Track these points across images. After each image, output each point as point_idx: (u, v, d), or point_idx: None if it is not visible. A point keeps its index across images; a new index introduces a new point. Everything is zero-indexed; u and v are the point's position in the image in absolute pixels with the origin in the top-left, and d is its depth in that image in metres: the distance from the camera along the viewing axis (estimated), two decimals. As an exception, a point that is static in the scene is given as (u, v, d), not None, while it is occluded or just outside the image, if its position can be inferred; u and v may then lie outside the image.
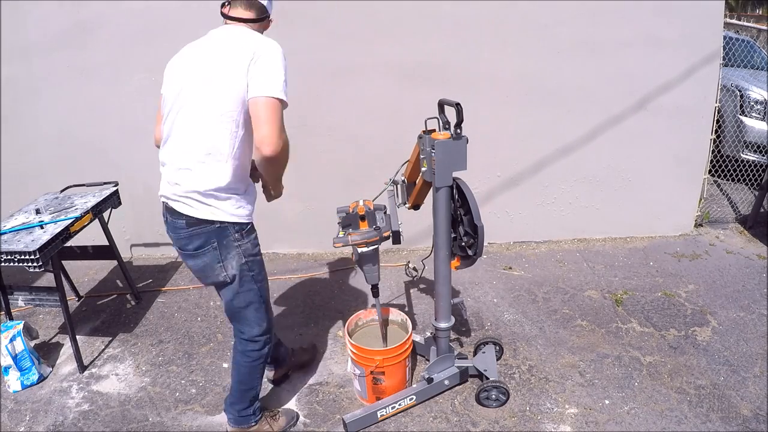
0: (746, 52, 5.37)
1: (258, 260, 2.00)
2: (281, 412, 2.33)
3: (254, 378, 2.16)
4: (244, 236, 1.92)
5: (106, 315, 3.23)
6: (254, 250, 1.97)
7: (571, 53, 3.58)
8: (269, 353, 2.19)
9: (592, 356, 2.75)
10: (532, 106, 3.68)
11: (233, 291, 1.98)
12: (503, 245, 4.02)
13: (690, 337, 2.89)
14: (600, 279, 3.51)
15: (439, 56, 3.52)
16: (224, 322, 3.12)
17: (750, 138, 4.99)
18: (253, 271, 1.98)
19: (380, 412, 2.33)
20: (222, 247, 1.89)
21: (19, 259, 2.38)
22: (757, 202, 4.29)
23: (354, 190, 3.00)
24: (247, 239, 1.94)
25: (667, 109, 3.75)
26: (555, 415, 2.37)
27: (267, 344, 2.14)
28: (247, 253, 1.94)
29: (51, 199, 3.00)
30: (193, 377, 2.68)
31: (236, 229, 1.89)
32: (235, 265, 1.92)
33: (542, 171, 3.85)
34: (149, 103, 3.55)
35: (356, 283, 3.50)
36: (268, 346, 2.15)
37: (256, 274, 1.99)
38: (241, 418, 2.19)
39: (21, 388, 2.60)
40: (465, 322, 3.04)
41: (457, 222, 2.27)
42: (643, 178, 3.93)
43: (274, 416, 2.29)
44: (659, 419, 2.34)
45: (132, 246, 3.94)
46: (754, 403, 2.42)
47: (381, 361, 2.30)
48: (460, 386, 2.54)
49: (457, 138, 2.06)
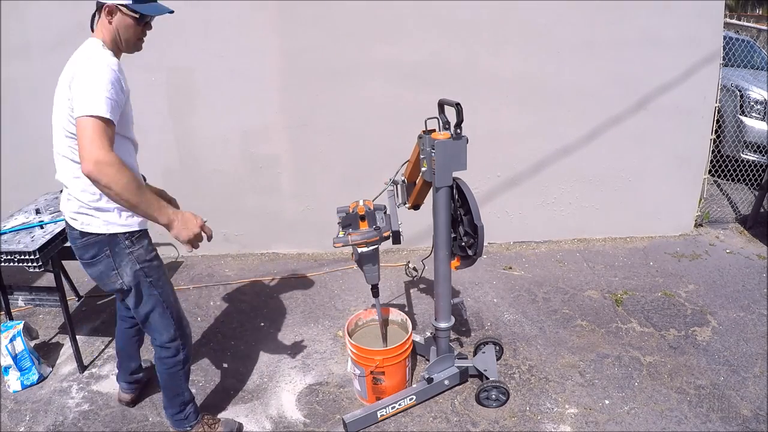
0: (746, 52, 5.37)
1: (154, 266, 1.98)
2: (222, 421, 2.28)
3: (177, 384, 2.14)
4: (135, 243, 1.92)
5: (106, 315, 3.23)
6: (148, 256, 1.96)
7: (571, 53, 3.58)
8: (187, 359, 2.14)
9: (592, 356, 2.75)
10: (532, 106, 3.68)
11: (134, 298, 1.98)
12: (503, 245, 4.02)
13: (690, 337, 2.89)
14: (600, 279, 3.51)
15: (439, 56, 3.52)
16: (224, 322, 3.12)
17: (750, 138, 4.99)
18: (151, 276, 1.97)
19: (380, 412, 2.33)
20: (115, 255, 1.90)
21: (19, 259, 2.38)
22: (757, 202, 4.29)
23: (354, 190, 3.00)
24: (139, 245, 1.93)
25: (667, 109, 3.75)
26: (555, 415, 2.37)
27: (180, 350, 2.10)
28: (140, 259, 1.93)
29: (51, 199, 3.00)
30: (193, 377, 2.67)
31: (126, 237, 1.90)
32: (129, 272, 1.93)
33: (542, 171, 3.85)
34: (149, 103, 3.56)
35: (356, 283, 3.50)
36: (182, 353, 2.11)
37: (154, 280, 1.98)
38: (176, 422, 2.20)
39: (21, 388, 2.60)
40: (465, 322, 3.04)
41: (457, 222, 2.27)
42: (643, 178, 3.93)
43: (213, 423, 2.26)
44: (659, 419, 2.34)
45: (132, 246, 3.94)
46: (754, 403, 2.42)
47: (381, 361, 2.30)
48: (460, 386, 2.54)
49: (457, 138, 2.06)
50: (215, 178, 3.73)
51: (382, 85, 3.54)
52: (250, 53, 3.46)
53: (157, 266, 1.99)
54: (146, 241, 1.97)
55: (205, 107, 3.58)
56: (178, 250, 3.94)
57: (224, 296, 3.40)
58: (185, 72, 3.50)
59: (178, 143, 3.66)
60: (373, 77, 3.55)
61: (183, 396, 2.17)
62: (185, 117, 3.60)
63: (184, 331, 2.12)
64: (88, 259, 1.92)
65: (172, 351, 2.09)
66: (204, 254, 3.92)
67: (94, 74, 1.71)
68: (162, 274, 2.02)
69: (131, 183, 1.68)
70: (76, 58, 1.84)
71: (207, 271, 3.72)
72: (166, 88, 3.54)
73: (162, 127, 3.62)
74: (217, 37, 3.42)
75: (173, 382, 2.14)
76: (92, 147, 1.62)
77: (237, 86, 3.49)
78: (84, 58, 1.79)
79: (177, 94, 3.56)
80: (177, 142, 3.66)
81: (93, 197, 1.83)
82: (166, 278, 2.05)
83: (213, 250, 3.93)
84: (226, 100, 3.51)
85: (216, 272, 3.69)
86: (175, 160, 3.70)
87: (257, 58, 3.48)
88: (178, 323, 2.08)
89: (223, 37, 3.42)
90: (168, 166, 3.72)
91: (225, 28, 3.41)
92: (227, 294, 3.42)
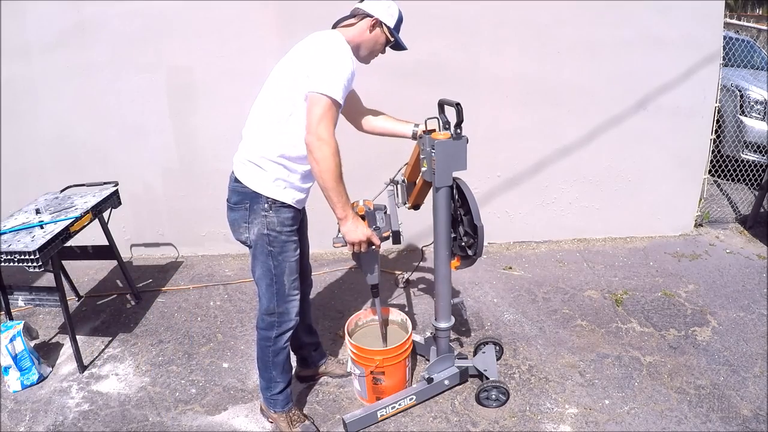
0: (746, 52, 5.37)
1: (282, 240, 2.04)
2: (304, 424, 2.28)
3: (265, 360, 2.19)
4: (272, 210, 2.01)
5: (106, 315, 3.23)
6: (279, 227, 2.02)
7: (571, 53, 3.58)
8: (280, 343, 2.16)
9: (592, 356, 2.75)
10: (532, 106, 3.68)
11: (252, 256, 2.10)
12: (503, 245, 4.02)
13: (690, 337, 2.89)
14: (600, 279, 3.51)
15: (439, 56, 3.52)
16: (224, 322, 3.12)
17: (750, 138, 4.98)
18: (273, 247, 2.04)
19: (380, 412, 2.33)
20: (251, 211, 2.02)
21: (19, 259, 2.38)
22: (757, 202, 4.29)
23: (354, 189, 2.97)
24: (275, 214, 2.01)
25: (667, 109, 3.75)
26: (555, 415, 2.37)
27: (274, 327, 2.13)
28: (270, 226, 2.01)
29: (51, 199, 3.00)
30: (193, 377, 2.68)
31: (266, 200, 1.99)
32: (256, 231, 2.02)
33: (542, 171, 3.85)
34: (149, 103, 3.57)
35: (356, 283, 3.50)
36: (275, 331, 2.14)
37: (275, 252, 2.04)
38: (266, 399, 2.28)
39: (21, 388, 2.60)
40: (465, 322, 3.04)
41: (457, 222, 2.27)
42: (643, 178, 3.93)
43: (294, 421, 2.27)
44: (659, 419, 2.34)
45: (132, 246, 3.94)
46: (754, 403, 2.42)
47: (381, 361, 2.30)
48: (460, 386, 2.54)
49: (457, 138, 2.06)
50: (215, 177, 3.73)
51: (382, 84, 3.53)
52: (250, 53, 3.46)
53: (284, 241, 2.05)
54: (287, 215, 2.03)
55: (205, 107, 3.58)
56: (178, 250, 3.95)
57: (224, 296, 3.40)
58: (185, 72, 3.50)
59: (178, 143, 3.66)
60: (373, 77, 3.54)
61: (271, 375, 2.21)
62: (185, 117, 3.60)
63: (285, 314, 2.13)
64: (232, 203, 2.06)
65: (266, 323, 2.14)
66: (204, 254, 3.92)
67: (339, 59, 1.91)
68: (287, 250, 2.06)
69: (336, 169, 1.93)
70: (316, 40, 1.99)
71: (207, 271, 3.72)
72: (166, 88, 3.54)
73: (162, 127, 3.62)
74: (217, 37, 3.42)
75: (262, 356, 2.20)
76: (321, 124, 1.86)
77: (237, 86, 3.49)
78: (330, 42, 1.96)
79: (177, 94, 3.56)
80: (177, 142, 3.66)
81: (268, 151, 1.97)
82: (289, 256, 2.08)
83: (213, 250, 3.94)
84: (226, 100, 3.51)
85: (216, 272, 3.69)
86: (175, 160, 3.70)
87: (257, 58, 3.48)
88: (281, 301, 2.11)
89: (223, 37, 3.42)
90: (168, 166, 3.72)
91: (225, 28, 3.41)
92: (227, 294, 3.42)
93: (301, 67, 1.92)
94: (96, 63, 3.47)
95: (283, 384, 2.25)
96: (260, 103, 2.04)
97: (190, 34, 3.43)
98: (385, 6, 2.12)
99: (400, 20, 2.17)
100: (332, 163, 1.91)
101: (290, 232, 2.07)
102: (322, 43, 1.96)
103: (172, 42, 3.43)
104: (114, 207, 3.07)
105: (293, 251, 2.09)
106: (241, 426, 2.36)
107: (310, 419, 2.33)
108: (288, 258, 2.08)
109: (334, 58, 1.90)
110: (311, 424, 2.30)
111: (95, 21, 3.38)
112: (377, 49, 2.19)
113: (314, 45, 1.97)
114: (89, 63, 3.47)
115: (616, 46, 3.58)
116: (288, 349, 2.23)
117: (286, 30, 3.45)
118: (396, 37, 2.16)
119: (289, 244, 2.08)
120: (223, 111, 3.56)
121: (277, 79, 2.00)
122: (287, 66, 1.99)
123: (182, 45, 3.44)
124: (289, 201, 2.03)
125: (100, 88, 3.52)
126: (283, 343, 2.18)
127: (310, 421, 2.31)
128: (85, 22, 3.39)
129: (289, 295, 2.13)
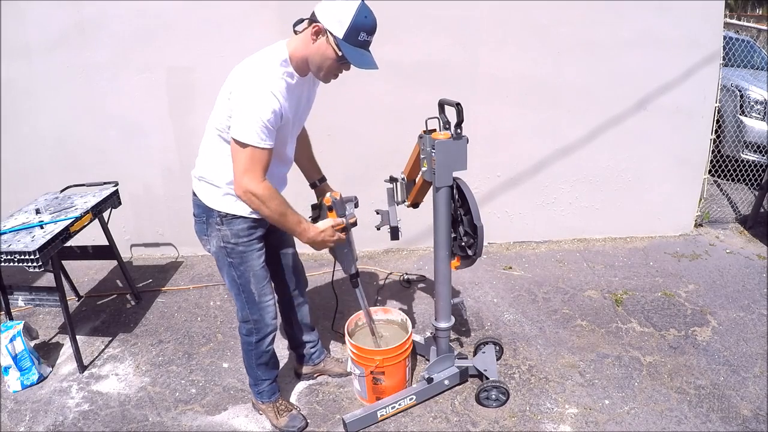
0: (746, 52, 5.37)
1: (239, 251, 2.02)
2: (291, 415, 2.32)
3: (249, 360, 2.24)
4: (224, 223, 1.98)
5: (106, 315, 3.23)
6: (234, 240, 2.00)
7: (571, 53, 3.58)
8: (262, 347, 2.19)
9: (592, 356, 2.75)
10: (532, 106, 3.68)
11: (218, 267, 2.13)
12: (503, 245, 4.02)
13: (690, 337, 2.89)
14: (600, 279, 3.51)
15: (439, 56, 3.52)
16: (224, 322, 3.12)
17: (750, 138, 4.98)
18: (232, 258, 2.03)
19: (380, 412, 2.33)
20: (207, 225, 2.03)
21: (19, 259, 2.38)
22: (757, 202, 4.29)
23: (354, 189, 2.99)
24: (228, 227, 1.99)
25: (667, 109, 3.75)
26: (555, 415, 2.37)
27: (253, 333, 2.16)
28: (225, 239, 2.00)
29: (51, 199, 3.00)
30: (193, 377, 2.68)
31: (218, 214, 1.98)
32: (215, 243, 2.03)
33: (542, 171, 3.85)
34: (149, 103, 3.57)
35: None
36: (254, 337, 2.16)
37: (235, 263, 2.04)
38: (253, 392, 2.35)
39: (21, 388, 2.60)
40: (465, 322, 3.04)
41: (457, 222, 2.27)
42: (643, 178, 3.93)
43: (282, 411, 2.32)
44: (659, 419, 2.34)
45: (132, 246, 3.94)
46: (754, 403, 2.42)
47: (381, 361, 2.30)
48: (460, 386, 2.54)
49: (457, 138, 2.06)
50: (215, 178, 3.73)
51: (382, 84, 3.53)
52: (250, 53, 3.45)
53: (242, 252, 2.02)
54: (241, 226, 1.99)
55: (205, 107, 3.52)
56: (178, 250, 3.95)
57: (224, 296, 3.40)
58: (185, 71, 3.50)
59: (178, 143, 3.66)
60: (373, 77, 3.53)
61: (257, 374, 2.27)
62: (185, 117, 3.60)
63: (260, 321, 2.14)
64: (194, 215, 2.07)
65: (246, 330, 2.17)
66: (204, 254, 3.92)
67: (255, 100, 1.72)
68: (248, 260, 2.04)
69: (276, 209, 1.85)
70: (243, 70, 1.83)
71: (207, 271, 3.72)
72: (166, 88, 3.54)
73: (162, 127, 3.62)
74: (217, 37, 3.42)
75: (246, 358, 2.25)
76: (245, 176, 1.77)
77: (237, 86, 3.49)
78: (252, 75, 1.79)
79: (177, 94, 3.56)
80: (177, 142, 3.66)
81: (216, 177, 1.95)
82: (253, 265, 2.05)
83: (213, 250, 3.93)
84: (226, 100, 3.51)
85: (216, 272, 3.69)
86: (175, 160, 3.70)
87: (257, 58, 3.48)
88: (253, 309, 2.11)
89: (223, 37, 3.42)
90: (168, 166, 3.72)
91: (225, 28, 3.41)
92: (227, 294, 3.42)
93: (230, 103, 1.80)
94: (96, 63, 3.47)
95: (269, 380, 2.30)
96: (209, 126, 1.97)
97: (190, 34, 3.43)
98: (336, 8, 1.73)
99: (359, 28, 1.73)
100: (267, 210, 1.85)
101: (248, 242, 2.02)
102: (246, 76, 1.79)
103: (172, 42, 3.43)
104: (114, 207, 3.07)
105: (256, 259, 2.06)
106: (241, 426, 2.36)
107: (297, 408, 2.37)
108: (252, 267, 2.05)
109: (251, 99, 1.72)
110: (298, 413, 2.34)
111: (95, 21, 3.38)
112: (329, 66, 1.82)
113: (240, 77, 1.80)
114: (89, 63, 3.47)
115: (616, 46, 3.58)
116: (272, 351, 2.26)
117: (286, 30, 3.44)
118: (344, 50, 1.74)
119: (250, 254, 2.04)
120: (223, 111, 3.56)
121: (217, 107, 1.91)
122: (224, 94, 1.86)
123: (182, 45, 3.44)
124: (242, 213, 1.97)
125: (100, 88, 3.52)
126: (266, 347, 2.21)
127: (297, 410, 2.35)
128: (85, 22, 3.39)
129: (261, 302, 2.11)
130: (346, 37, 1.75)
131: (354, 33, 1.75)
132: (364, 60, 1.79)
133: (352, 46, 1.77)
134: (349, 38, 1.75)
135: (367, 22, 1.76)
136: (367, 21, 1.76)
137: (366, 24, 1.76)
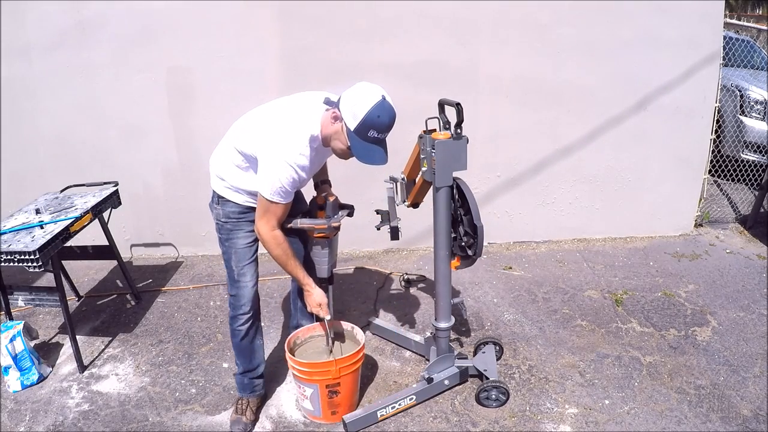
0: (746, 52, 5.37)
1: (227, 228, 2.19)
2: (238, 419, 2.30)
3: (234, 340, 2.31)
4: (218, 204, 2.19)
5: (106, 315, 3.23)
6: (225, 219, 2.19)
7: (571, 53, 3.58)
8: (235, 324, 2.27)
9: (592, 356, 2.75)
10: (532, 106, 3.68)
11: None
12: (503, 245, 4.02)
13: (690, 337, 2.89)
14: (600, 279, 3.51)
15: (439, 56, 3.52)
16: (224, 322, 3.12)
17: (750, 138, 4.98)
18: (221, 234, 2.22)
19: (380, 412, 2.33)
20: (211, 202, 2.24)
21: (19, 259, 2.38)
22: (757, 202, 4.29)
23: (354, 189, 3.00)
24: (221, 208, 2.18)
25: (667, 109, 3.75)
26: (555, 415, 2.37)
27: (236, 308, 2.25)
28: (218, 218, 2.21)
29: (51, 199, 3.00)
30: (193, 377, 2.68)
31: (216, 195, 2.20)
32: (214, 219, 2.24)
33: (542, 171, 3.85)
34: (149, 103, 3.56)
35: (356, 283, 3.51)
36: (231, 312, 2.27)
37: (222, 239, 2.23)
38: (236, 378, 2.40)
39: (21, 388, 2.60)
40: (465, 322, 3.04)
41: (457, 222, 2.27)
42: (643, 178, 3.93)
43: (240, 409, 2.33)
44: (659, 419, 2.34)
45: (132, 246, 3.94)
46: (754, 403, 2.42)
47: (338, 370, 2.17)
48: (460, 386, 2.54)
49: (457, 138, 2.07)
50: (215, 178, 3.73)
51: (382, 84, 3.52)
52: (250, 53, 3.47)
53: (229, 230, 2.19)
54: (232, 209, 2.16)
55: (205, 107, 3.58)
56: (178, 250, 3.94)
57: (224, 296, 3.40)
58: (185, 71, 3.50)
59: (178, 143, 3.66)
60: (373, 77, 3.52)
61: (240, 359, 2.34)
62: (185, 117, 3.60)
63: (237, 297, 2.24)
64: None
65: (230, 301, 2.28)
66: (204, 254, 3.92)
67: (280, 169, 1.89)
68: (233, 237, 2.19)
69: (282, 256, 2.08)
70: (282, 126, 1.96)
71: (207, 271, 3.72)
72: (166, 88, 3.54)
73: (162, 127, 3.62)
74: (217, 37, 3.42)
75: (231, 336, 2.32)
76: (261, 220, 2.00)
77: (237, 86, 3.49)
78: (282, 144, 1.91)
79: (177, 94, 3.56)
80: (177, 142, 3.66)
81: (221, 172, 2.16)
82: (237, 243, 2.20)
83: (213, 250, 3.92)
84: (226, 99, 3.51)
85: (216, 272, 3.69)
86: (175, 160, 3.70)
87: (257, 58, 3.48)
88: (232, 284, 2.25)
89: (223, 37, 3.42)
90: (168, 166, 3.72)
91: (225, 28, 3.41)
92: (227, 294, 3.42)
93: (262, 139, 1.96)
94: (96, 63, 3.47)
95: (241, 367, 2.34)
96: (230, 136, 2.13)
97: (190, 34, 3.43)
98: (355, 100, 1.84)
99: (368, 126, 1.81)
100: (275, 253, 2.07)
101: (236, 222, 2.18)
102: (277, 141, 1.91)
103: (172, 42, 3.43)
104: (114, 207, 3.07)
105: (241, 239, 2.19)
106: (241, 426, 2.36)
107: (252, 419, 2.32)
108: (234, 245, 2.20)
109: (277, 167, 1.89)
110: (248, 423, 2.30)
111: (95, 21, 3.38)
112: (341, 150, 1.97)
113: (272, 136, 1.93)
114: (89, 63, 3.47)
115: (616, 46, 3.58)
116: (246, 337, 2.29)
117: (286, 30, 3.45)
118: (352, 143, 1.85)
119: (236, 232, 2.19)
120: (223, 111, 3.54)
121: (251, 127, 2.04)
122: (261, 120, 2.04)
123: (182, 45, 3.44)
124: (236, 201, 2.15)
125: (100, 88, 3.52)
126: (237, 326, 2.26)
127: (248, 419, 2.31)
128: (85, 22, 3.39)
129: (239, 280, 2.22)
130: (356, 131, 1.86)
131: (364, 129, 1.85)
132: (369, 156, 1.89)
133: (362, 141, 1.87)
134: (359, 133, 1.86)
135: (379, 122, 1.85)
136: (380, 120, 1.84)
137: (377, 123, 1.85)
